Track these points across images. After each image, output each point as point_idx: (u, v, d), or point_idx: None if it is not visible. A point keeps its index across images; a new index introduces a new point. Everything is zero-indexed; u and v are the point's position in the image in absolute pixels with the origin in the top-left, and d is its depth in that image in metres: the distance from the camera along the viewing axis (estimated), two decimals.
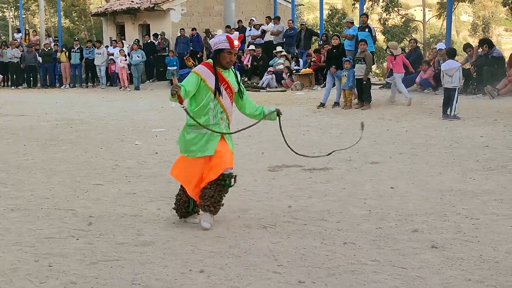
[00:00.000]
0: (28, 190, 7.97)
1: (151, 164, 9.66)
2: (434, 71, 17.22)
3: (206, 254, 5.42)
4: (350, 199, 7.30)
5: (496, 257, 5.21)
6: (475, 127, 12.29)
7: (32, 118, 16.11)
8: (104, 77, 26.04)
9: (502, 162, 9.13)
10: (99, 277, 4.91)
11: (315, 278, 4.83)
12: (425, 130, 12.37)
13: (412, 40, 20.28)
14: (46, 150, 11.07)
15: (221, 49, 5.97)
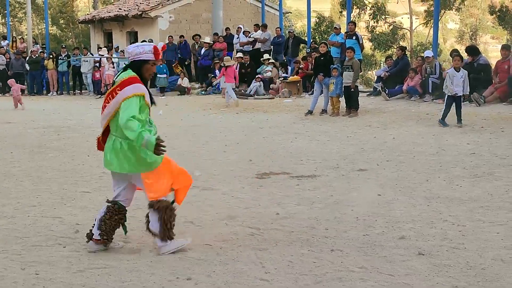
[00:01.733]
0: (14, 198, 7.95)
1: None
2: (421, 79, 17.33)
3: (193, 261, 5.43)
4: (338, 206, 7.31)
5: (482, 263, 5.25)
6: (462, 135, 12.35)
7: (19, 125, 16.05)
8: (91, 84, 26.01)
9: (489, 169, 9.17)
10: (85, 284, 4.91)
11: (302, 285, 4.85)
12: (412, 137, 12.40)
13: (399, 48, 20.36)
14: (33, 158, 11.03)
15: (146, 60, 5.56)
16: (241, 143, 12.35)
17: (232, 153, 11.14)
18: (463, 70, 13.71)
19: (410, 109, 15.91)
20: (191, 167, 9.74)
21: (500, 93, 15.76)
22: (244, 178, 8.98)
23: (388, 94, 17.96)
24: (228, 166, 9.92)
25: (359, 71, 16.90)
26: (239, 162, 10.27)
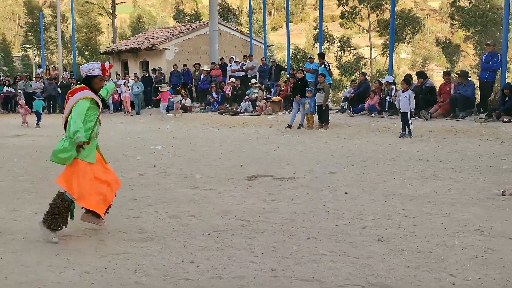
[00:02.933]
0: (48, 197, 7.90)
1: (150, 175, 9.65)
2: (379, 99, 17.42)
3: (195, 248, 5.44)
4: (312, 202, 7.33)
5: (429, 248, 5.28)
6: (413, 144, 12.41)
7: (52, 138, 15.94)
8: (111, 104, 26.01)
9: (434, 172, 9.22)
10: (108, 267, 4.92)
11: (284, 266, 4.87)
12: (372, 146, 12.45)
13: (361, 74, 20.47)
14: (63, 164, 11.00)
15: (94, 76, 5.68)
16: (234, 151, 12.37)
17: (226, 160, 11.15)
18: (408, 92, 13.86)
19: (370, 124, 15.97)
20: (193, 171, 9.84)
21: (443, 110, 15.86)
22: (236, 180, 8.99)
23: (352, 111, 18.00)
24: (223, 170, 9.93)
25: (329, 93, 17.02)
26: (232, 167, 10.28)
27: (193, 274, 4.72)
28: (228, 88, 22.95)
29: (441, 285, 4.37)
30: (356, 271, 4.71)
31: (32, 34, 58.40)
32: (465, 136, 12.85)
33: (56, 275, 4.75)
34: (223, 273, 4.73)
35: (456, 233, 5.75)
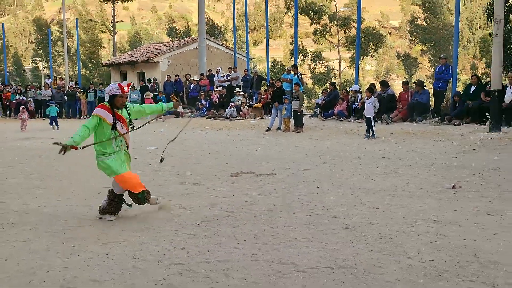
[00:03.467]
0: (56, 192, 7.89)
1: (146, 172, 9.61)
2: (347, 105, 17.52)
3: (186, 236, 5.44)
4: (289, 195, 7.36)
5: (390, 234, 5.33)
6: (376, 144, 12.50)
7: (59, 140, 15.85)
8: None
9: (394, 169, 9.30)
10: (109, 253, 4.90)
11: (264, 251, 4.88)
12: (340, 146, 12.53)
13: (331, 83, 20.56)
14: (71, 163, 10.93)
15: (115, 95, 5.86)
16: (220, 151, 12.37)
17: (213, 159, 11.16)
18: (372, 99, 14.00)
19: (339, 127, 16.06)
20: (184, 168, 9.82)
21: (402, 115, 15.99)
22: (222, 177, 9.00)
23: (323, 116, 18.08)
24: (210, 168, 9.93)
25: (303, 100, 17.10)
26: (218, 165, 10.29)
27: (184, 259, 4.72)
28: (215, 95, 22.97)
29: (400, 267, 4.41)
30: (326, 255, 4.74)
31: (41, 48, 57.93)
32: (421, 138, 12.97)
33: (63, 260, 4.73)
34: (210, 257, 4.74)
35: (413, 221, 5.80)
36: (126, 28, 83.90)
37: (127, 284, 4.17)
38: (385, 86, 17.05)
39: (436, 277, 4.17)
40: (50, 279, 4.30)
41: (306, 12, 35.39)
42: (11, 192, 7.98)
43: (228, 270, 4.43)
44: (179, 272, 4.41)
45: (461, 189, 7.39)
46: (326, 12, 36.40)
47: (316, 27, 37.08)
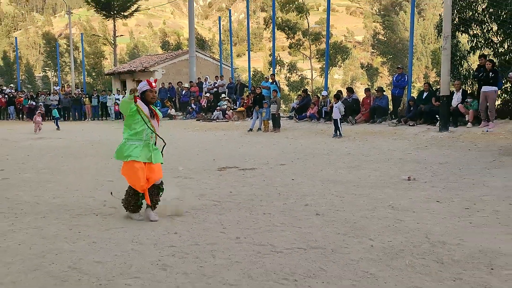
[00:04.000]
0: (64, 185, 7.80)
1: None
2: (318, 109, 17.59)
3: (178, 222, 5.42)
4: (268, 187, 7.38)
5: (354, 220, 5.37)
6: (342, 142, 12.59)
7: (66, 140, 15.68)
8: (114, 114, 25.65)
9: (358, 163, 9.38)
10: (111, 238, 4.87)
11: (246, 235, 4.89)
12: (312, 144, 12.59)
13: (304, 90, 20.63)
14: (76, 160, 10.82)
15: (144, 91, 5.52)
16: (208, 149, 12.34)
17: (202, 156, 11.13)
18: (338, 103, 14.10)
19: (311, 128, 16.13)
20: (177, 164, 9.78)
21: (365, 117, 16.11)
22: (210, 171, 8.98)
23: (297, 118, 18.14)
24: (200, 164, 9.91)
25: (280, 104, 17.14)
26: (207, 161, 10.27)
27: (176, 242, 4.71)
28: (204, 100, 22.90)
29: (363, 247, 4.45)
30: (300, 237, 4.76)
31: (50, 59, 57.20)
32: (381, 137, 13.09)
33: (70, 245, 4.68)
34: (199, 241, 4.73)
35: (374, 208, 5.86)
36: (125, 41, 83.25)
37: (127, 264, 4.15)
38: (350, 92, 17.18)
39: (393, 255, 4.21)
40: (59, 261, 4.26)
41: (282, 28, 35.43)
42: (24, 185, 7.87)
43: (215, 251, 4.43)
44: (172, 253, 4.40)
45: (415, 180, 7.48)
46: (299, 28, 36.48)
47: (291, 42, 37.11)
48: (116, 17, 43.29)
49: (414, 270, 3.88)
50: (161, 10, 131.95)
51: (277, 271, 3.92)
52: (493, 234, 4.67)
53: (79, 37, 45.92)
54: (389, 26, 45.75)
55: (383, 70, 46.84)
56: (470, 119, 13.06)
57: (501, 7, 13.88)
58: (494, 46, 14.44)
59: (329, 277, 3.78)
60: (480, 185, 6.93)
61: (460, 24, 14.81)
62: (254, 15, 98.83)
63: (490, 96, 12.45)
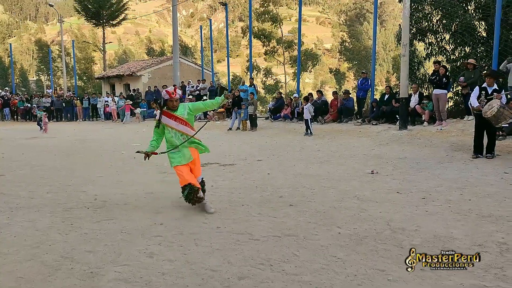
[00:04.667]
0: (57, 181, 7.65)
1: (131, 164, 9.45)
2: (291, 110, 17.64)
3: (164, 214, 5.39)
4: (246, 181, 7.37)
5: (324, 209, 5.39)
6: (313, 140, 12.65)
7: (59, 139, 15.38)
8: (103, 115, 25.28)
9: (327, 159, 9.43)
10: (101, 229, 4.80)
11: (226, 225, 4.89)
12: (286, 142, 12.62)
13: (279, 93, 20.68)
14: (67, 157, 10.62)
15: (166, 99, 5.51)
16: None
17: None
18: (308, 105, 14.17)
19: (285, 127, 16.17)
20: (162, 161, 9.63)
21: (333, 117, 16.22)
22: None
23: (273, 118, 18.18)
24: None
25: (257, 105, 17.11)
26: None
27: (162, 232, 4.67)
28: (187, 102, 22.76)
29: (331, 234, 4.49)
30: (275, 226, 4.78)
31: (43, 64, 55.92)
32: (347, 135, 13.20)
33: (63, 236, 4.61)
34: (183, 231, 4.71)
35: (341, 199, 5.90)
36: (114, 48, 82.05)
37: (116, 253, 4.10)
38: (321, 94, 17.27)
39: (358, 241, 4.26)
40: (52, 251, 4.18)
41: (258, 37, 35.42)
42: (19, 181, 7.69)
43: (198, 240, 4.42)
44: (158, 242, 4.36)
45: (378, 173, 7.56)
46: (274, 37, 36.55)
47: (267, 49, 37.13)
48: (105, 25, 42.59)
49: (377, 254, 3.93)
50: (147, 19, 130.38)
51: (254, 257, 3.93)
52: (446, 221, 4.77)
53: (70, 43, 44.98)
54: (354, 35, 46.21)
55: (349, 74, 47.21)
56: (426, 118, 13.29)
57: (452, 19, 14.17)
58: (447, 54, 14.72)
59: (302, 261, 3.81)
60: (435, 177, 7.05)
61: (417, 33, 15.06)
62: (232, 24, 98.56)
63: (441, 98, 12.69)
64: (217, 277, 3.56)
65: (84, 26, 65.43)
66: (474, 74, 12.25)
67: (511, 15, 12.58)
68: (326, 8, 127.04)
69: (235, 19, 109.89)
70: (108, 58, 56.56)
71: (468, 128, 11.29)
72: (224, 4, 24.77)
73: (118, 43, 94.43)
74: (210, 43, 30.04)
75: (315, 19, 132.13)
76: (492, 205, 5.31)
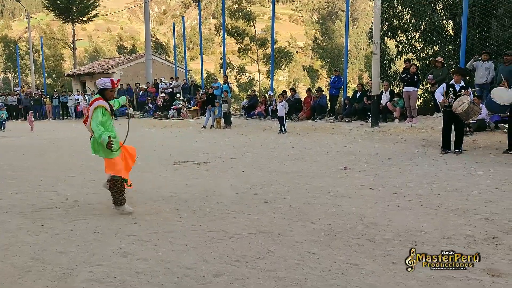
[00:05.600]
0: (26, 181, 7.45)
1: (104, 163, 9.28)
2: (265, 107, 17.69)
3: (138, 213, 5.32)
4: (220, 178, 7.35)
5: (298, 206, 5.42)
6: (287, 137, 12.72)
7: (28, 138, 14.98)
8: (74, 113, 24.78)
9: (300, 156, 9.49)
10: (73, 229, 4.71)
11: (201, 223, 4.87)
12: (260, 139, 12.64)
13: (253, 91, 20.70)
14: (38, 157, 10.35)
15: (106, 88, 5.21)
16: (164, 145, 12.14)
17: (159, 151, 10.93)
18: (283, 103, 14.24)
19: (259, 124, 16.20)
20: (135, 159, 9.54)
21: (306, 114, 16.35)
22: (167, 165, 8.85)
23: (247, 116, 18.19)
24: (157, 159, 9.73)
25: (231, 103, 17.06)
26: (163, 156, 10.10)
27: (136, 231, 4.62)
28: (160, 100, 22.49)
29: (306, 230, 4.54)
30: (250, 223, 4.79)
31: (10, 61, 54.26)
32: (320, 132, 13.33)
33: (33, 237, 4.50)
34: (158, 229, 4.67)
35: (315, 195, 5.95)
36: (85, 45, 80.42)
37: (89, 253, 4.03)
38: (294, 91, 17.38)
39: (332, 236, 4.32)
40: (22, 253, 4.08)
41: (232, 34, 35.33)
42: None
43: (173, 238, 4.39)
44: (132, 242, 4.31)
45: (350, 170, 7.66)
46: (247, 34, 36.55)
47: (240, 46, 37.11)
48: (75, 22, 41.65)
49: (351, 249, 4.00)
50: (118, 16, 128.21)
51: (230, 254, 3.93)
52: (417, 215, 4.89)
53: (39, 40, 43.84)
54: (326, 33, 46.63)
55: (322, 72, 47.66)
56: (397, 115, 13.56)
57: (422, 18, 14.48)
58: (416, 52, 15.05)
59: (276, 257, 3.84)
60: (406, 173, 7.21)
61: (388, 31, 15.32)
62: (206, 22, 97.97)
63: (412, 95, 12.98)
64: (193, 275, 3.55)
65: (53, 23, 63.92)
66: (442, 72, 12.56)
67: (477, 15, 12.95)
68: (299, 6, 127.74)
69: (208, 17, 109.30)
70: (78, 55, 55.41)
71: (437, 125, 11.57)
72: (197, 1, 24.59)
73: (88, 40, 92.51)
74: (183, 41, 29.79)
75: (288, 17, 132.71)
76: (460, 199, 5.47)
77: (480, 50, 12.13)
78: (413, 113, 13.00)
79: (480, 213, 4.88)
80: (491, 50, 12.32)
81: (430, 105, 14.23)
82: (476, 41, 12.92)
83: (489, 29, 12.80)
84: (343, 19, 47.89)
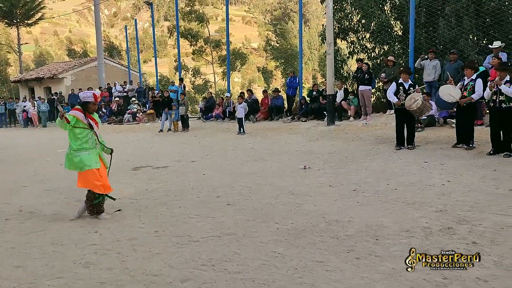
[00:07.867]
0: None
1: (59, 171, 8.95)
2: (222, 109, 17.65)
3: (98, 222, 5.18)
4: (181, 183, 7.27)
5: (261, 206, 5.48)
6: (246, 138, 12.74)
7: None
8: (22, 120, 23.74)
9: (261, 156, 9.54)
10: (30, 242, 4.52)
11: (164, 228, 4.80)
12: (220, 141, 12.60)
13: (209, 93, 20.61)
14: None
15: (88, 102, 5.29)
16: (121, 150, 11.77)
17: (116, 157, 10.59)
18: (243, 104, 14.26)
19: (217, 126, 16.15)
20: None
21: (264, 115, 16.47)
22: (125, 171, 8.64)
23: (204, 118, 18.09)
24: (114, 165, 9.39)
25: (188, 106, 16.94)
26: (121, 162, 9.81)
27: (97, 240, 4.49)
28: (114, 105, 21.97)
29: (270, 230, 4.57)
30: (214, 226, 4.77)
31: None
32: (279, 132, 13.46)
33: None
34: (120, 237, 4.56)
35: (277, 195, 6.01)
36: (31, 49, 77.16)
37: (49, 266, 3.88)
38: (250, 93, 17.45)
39: (297, 235, 4.38)
40: None
41: (185, 36, 35.05)
42: None
43: (136, 245, 4.30)
44: (94, 251, 4.19)
45: (310, 168, 7.79)
46: (201, 36, 36.37)
47: (194, 48, 36.86)
48: (19, 25, 39.87)
49: (315, 246, 4.07)
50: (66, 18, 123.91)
51: (196, 258, 3.90)
52: (376, 211, 5.05)
53: None
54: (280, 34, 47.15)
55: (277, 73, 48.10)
56: (352, 114, 13.91)
57: (371, 19, 14.94)
58: (368, 51, 15.50)
59: (243, 259, 3.85)
60: (363, 169, 7.41)
61: (340, 32, 15.69)
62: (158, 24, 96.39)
63: (366, 94, 13.36)
64: (159, 281, 3.49)
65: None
66: (394, 70, 13.01)
67: (423, 15, 13.50)
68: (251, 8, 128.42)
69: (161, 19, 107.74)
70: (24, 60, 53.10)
71: (391, 122, 11.97)
72: (150, 3, 24.18)
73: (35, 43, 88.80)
74: (136, 43, 29.22)
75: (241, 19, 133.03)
76: (415, 193, 5.69)
77: (428, 49, 12.66)
78: (368, 111, 13.38)
79: (435, 205, 5.10)
80: (438, 49, 12.88)
81: (383, 102, 14.69)
82: (424, 40, 13.47)
83: (435, 28, 13.38)
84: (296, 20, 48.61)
